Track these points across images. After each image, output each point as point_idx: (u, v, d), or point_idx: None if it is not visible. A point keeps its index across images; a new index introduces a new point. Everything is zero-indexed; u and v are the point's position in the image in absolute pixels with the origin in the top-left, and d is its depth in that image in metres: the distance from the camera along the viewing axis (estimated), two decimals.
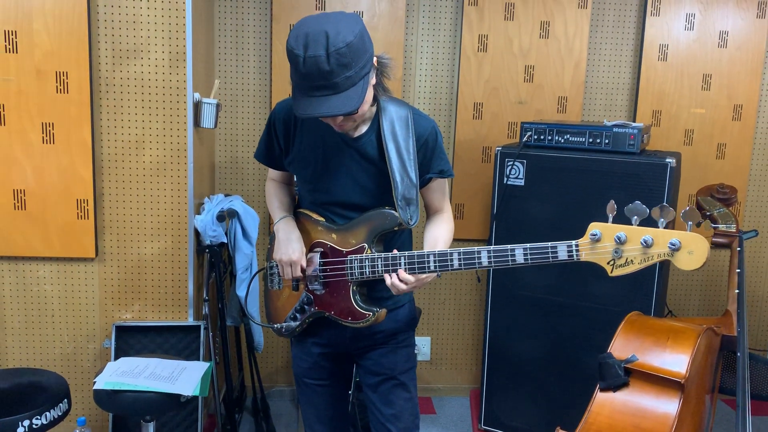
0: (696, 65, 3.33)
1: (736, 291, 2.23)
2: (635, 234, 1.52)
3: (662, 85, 3.34)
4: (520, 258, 1.62)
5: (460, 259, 1.68)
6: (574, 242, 1.57)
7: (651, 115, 3.36)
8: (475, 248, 1.66)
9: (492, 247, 1.64)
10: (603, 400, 1.73)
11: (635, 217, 1.52)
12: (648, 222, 1.52)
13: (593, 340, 2.73)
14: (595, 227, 1.56)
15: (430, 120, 1.83)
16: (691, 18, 3.29)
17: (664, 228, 1.50)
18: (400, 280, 1.71)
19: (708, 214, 2.66)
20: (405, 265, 1.72)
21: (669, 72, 3.33)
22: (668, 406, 1.67)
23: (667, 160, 2.62)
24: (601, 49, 3.36)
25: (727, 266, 2.45)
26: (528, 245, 1.61)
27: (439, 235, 1.86)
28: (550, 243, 1.59)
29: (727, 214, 2.60)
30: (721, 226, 2.55)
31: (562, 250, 1.58)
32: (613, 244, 1.53)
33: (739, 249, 2.41)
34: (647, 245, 1.49)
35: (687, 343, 1.74)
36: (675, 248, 1.47)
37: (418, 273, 1.71)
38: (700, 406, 1.86)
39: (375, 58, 1.67)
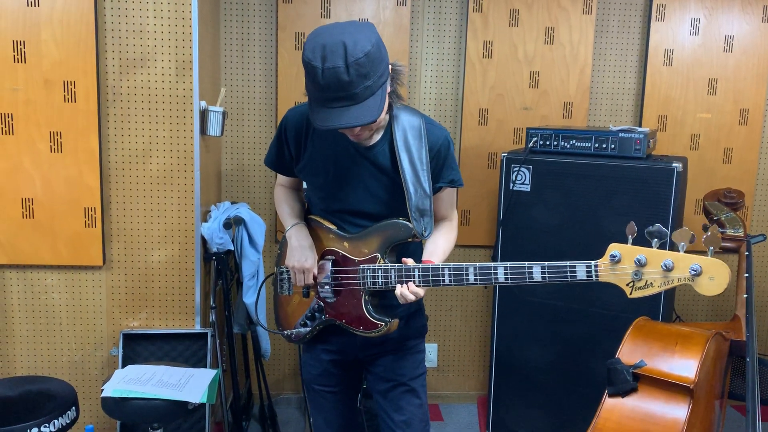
0: (702, 70, 3.33)
1: (745, 295, 2.22)
2: (656, 257, 1.50)
3: (668, 90, 3.34)
4: (537, 276, 1.60)
5: (476, 275, 1.66)
6: (593, 262, 1.55)
7: (657, 120, 3.36)
8: (492, 264, 1.65)
9: (509, 264, 1.63)
10: (611, 405, 1.72)
11: (655, 239, 1.49)
12: (669, 245, 1.50)
13: (601, 345, 2.72)
14: (615, 248, 1.53)
15: (443, 129, 1.83)
16: (696, 23, 3.29)
17: (685, 252, 1.47)
18: (411, 292, 1.70)
19: (715, 218, 2.65)
20: (419, 277, 1.71)
21: (675, 77, 3.33)
22: (677, 411, 1.66)
23: (674, 164, 2.62)
24: (607, 54, 3.36)
25: (735, 271, 2.44)
26: (546, 263, 1.59)
27: (438, 244, 1.85)
28: (568, 262, 1.57)
29: (735, 219, 2.60)
30: (729, 231, 2.54)
31: (581, 269, 1.56)
32: (633, 266, 1.51)
33: (747, 253, 2.40)
34: (668, 269, 1.48)
35: (696, 348, 1.73)
36: (696, 273, 1.45)
37: (433, 286, 1.71)
38: (710, 412, 1.85)
39: (389, 66, 1.66)
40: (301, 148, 1.84)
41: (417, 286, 1.71)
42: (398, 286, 1.71)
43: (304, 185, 2.04)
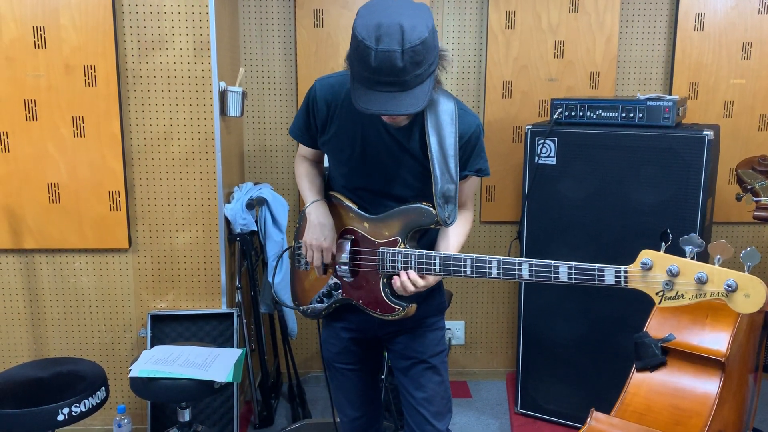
0: (735, 33, 3.20)
1: None
2: (689, 268, 1.43)
3: (699, 56, 3.22)
4: (563, 276, 1.55)
5: (499, 269, 1.63)
6: (623, 268, 1.50)
7: (688, 87, 3.25)
8: (517, 259, 1.61)
9: (534, 261, 1.59)
10: (640, 380, 1.68)
11: (689, 248, 1.43)
12: (703, 255, 1.44)
13: (629, 320, 2.65)
14: (646, 255, 1.47)
15: (475, 117, 1.78)
16: None
17: (720, 266, 1.41)
18: (411, 281, 1.69)
19: (749, 187, 2.55)
20: (440, 266, 1.68)
21: (706, 42, 3.21)
22: (708, 385, 1.61)
23: (705, 132, 2.53)
24: (634, 21, 3.25)
25: None
26: (573, 264, 1.54)
27: (450, 235, 1.81)
28: (597, 265, 1.52)
29: None
30: (764, 200, 2.45)
31: (609, 274, 1.51)
32: (664, 275, 1.45)
33: None
34: (701, 282, 1.41)
35: (727, 321, 1.68)
36: (731, 289, 1.39)
37: (453, 276, 1.68)
38: (743, 386, 1.80)
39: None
40: (328, 121, 1.80)
41: (434, 274, 1.69)
42: (398, 276, 1.71)
43: (326, 162, 2.01)
